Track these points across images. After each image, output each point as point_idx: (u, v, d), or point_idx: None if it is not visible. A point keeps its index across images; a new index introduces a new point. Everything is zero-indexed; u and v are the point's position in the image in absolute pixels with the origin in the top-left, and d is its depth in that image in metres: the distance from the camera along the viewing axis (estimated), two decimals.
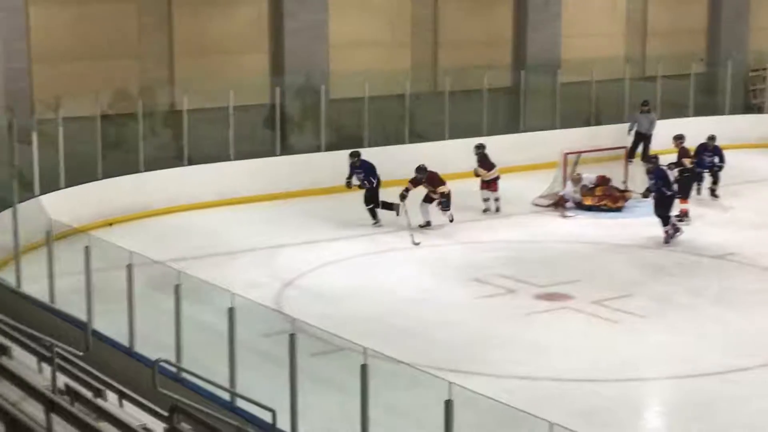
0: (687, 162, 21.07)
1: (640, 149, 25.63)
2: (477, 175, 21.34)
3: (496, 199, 21.16)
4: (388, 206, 20.14)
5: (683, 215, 20.12)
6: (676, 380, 13.02)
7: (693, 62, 28.45)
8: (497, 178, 21.23)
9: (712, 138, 22.22)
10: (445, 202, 20.11)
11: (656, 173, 19.14)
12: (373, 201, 20.45)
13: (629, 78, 27.48)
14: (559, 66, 27.24)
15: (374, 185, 20.49)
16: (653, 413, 12.55)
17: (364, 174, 20.45)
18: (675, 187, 19.36)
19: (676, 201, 19.66)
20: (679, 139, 21.91)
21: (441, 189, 20.10)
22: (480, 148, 21.36)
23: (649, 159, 19.88)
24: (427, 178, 20.12)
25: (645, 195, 19.63)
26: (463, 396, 8.69)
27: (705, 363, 13.10)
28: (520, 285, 16.51)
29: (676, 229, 19.03)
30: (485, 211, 21.05)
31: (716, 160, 22.11)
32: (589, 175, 21.79)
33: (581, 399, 12.11)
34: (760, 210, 21.72)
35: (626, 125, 26.49)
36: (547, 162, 24.41)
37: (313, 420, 10.82)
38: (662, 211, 19.05)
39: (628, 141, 25.34)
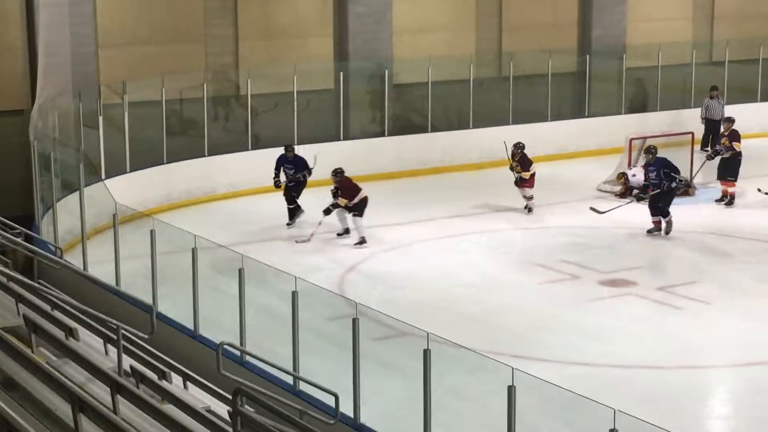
0: (737, 146, 20.46)
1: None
2: (516, 171, 20.12)
3: (530, 198, 20.11)
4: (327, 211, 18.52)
5: (732, 197, 19.91)
6: (742, 367, 12.86)
7: (761, 47, 28.01)
8: (533, 174, 20.24)
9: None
10: (356, 210, 18.23)
11: (657, 163, 18.52)
12: (294, 200, 19.28)
13: (696, 63, 27.13)
14: (625, 51, 26.98)
15: (303, 181, 19.31)
16: (718, 401, 12.41)
17: (295, 169, 19.23)
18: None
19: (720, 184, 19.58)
20: (730, 121, 21.35)
21: (351, 199, 18.31)
22: (520, 148, 20.27)
23: (648, 150, 19.12)
24: (340, 184, 18.41)
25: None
26: (526, 382, 8.65)
27: None
28: (584, 271, 16.40)
29: (669, 225, 18.40)
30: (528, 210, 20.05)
31: None
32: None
33: (645, 386, 12.00)
34: None
35: (689, 110, 26.18)
36: (612, 147, 24.23)
37: (376, 404, 10.85)
38: (666, 202, 18.50)
39: (701, 128, 24.86)
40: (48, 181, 16.97)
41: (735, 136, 20.49)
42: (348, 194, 18.17)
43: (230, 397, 8.46)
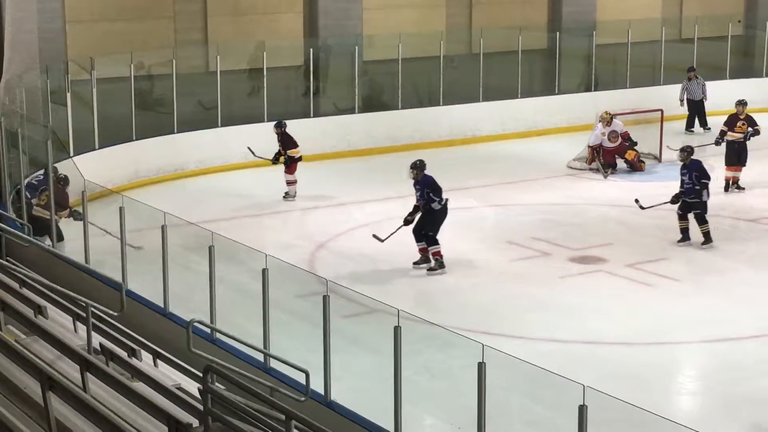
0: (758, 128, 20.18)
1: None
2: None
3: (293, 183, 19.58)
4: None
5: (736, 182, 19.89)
6: (711, 344, 12.94)
7: (730, 24, 28.12)
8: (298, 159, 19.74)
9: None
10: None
11: (692, 166, 16.90)
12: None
13: (665, 40, 27.20)
14: (595, 27, 27.02)
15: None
16: (687, 377, 12.49)
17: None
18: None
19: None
20: (743, 104, 20.66)
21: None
22: (282, 126, 19.52)
23: (684, 150, 18.20)
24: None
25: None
26: (497, 358, 8.67)
27: (740, 327, 13.00)
28: (554, 248, 16.45)
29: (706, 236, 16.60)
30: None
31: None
32: (619, 122, 21.58)
33: (615, 362, 12.06)
34: None
35: (658, 87, 26.30)
36: (581, 124, 24.29)
37: (347, 381, 10.85)
38: (703, 208, 16.63)
39: (670, 105, 24.90)
40: (16, 158, 16.83)
41: (752, 121, 20.24)
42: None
43: (200, 374, 8.43)
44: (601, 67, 27.11)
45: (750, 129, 20.21)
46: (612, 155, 21.37)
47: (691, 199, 16.61)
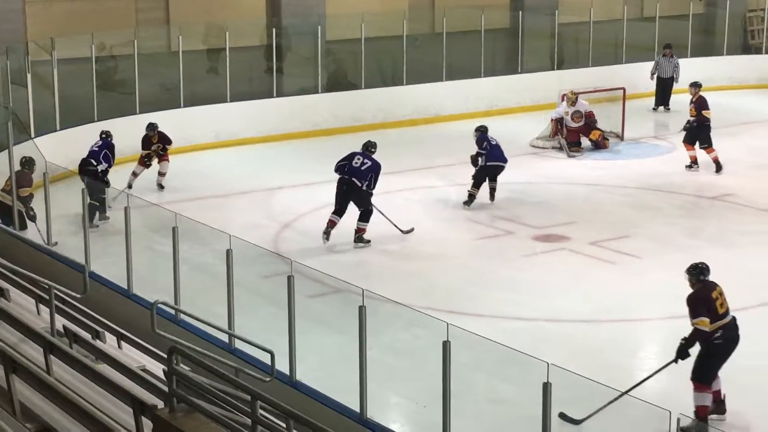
0: (707, 114, 20.02)
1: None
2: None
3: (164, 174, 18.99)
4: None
5: (716, 161, 19.85)
6: (674, 320, 12.96)
7: (691, 2, 28.25)
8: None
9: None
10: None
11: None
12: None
13: (627, 18, 27.28)
14: (557, 6, 27.07)
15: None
16: (651, 353, 12.58)
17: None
18: None
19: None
20: (696, 86, 20.32)
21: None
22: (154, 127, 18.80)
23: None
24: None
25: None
26: (462, 337, 8.70)
27: None
28: (518, 227, 16.50)
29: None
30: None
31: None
32: (584, 102, 21.65)
33: (579, 340, 12.14)
34: (757, 151, 21.70)
35: (621, 66, 26.42)
36: (545, 103, 24.36)
37: (312, 361, 10.86)
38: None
39: (634, 83, 25.01)
40: None
41: (703, 104, 19.85)
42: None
43: (165, 355, 8.40)
44: (563, 45, 27.18)
45: (693, 119, 19.77)
46: (576, 134, 21.45)
47: None
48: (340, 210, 15.80)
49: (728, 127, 23.11)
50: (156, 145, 18.42)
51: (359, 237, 15.80)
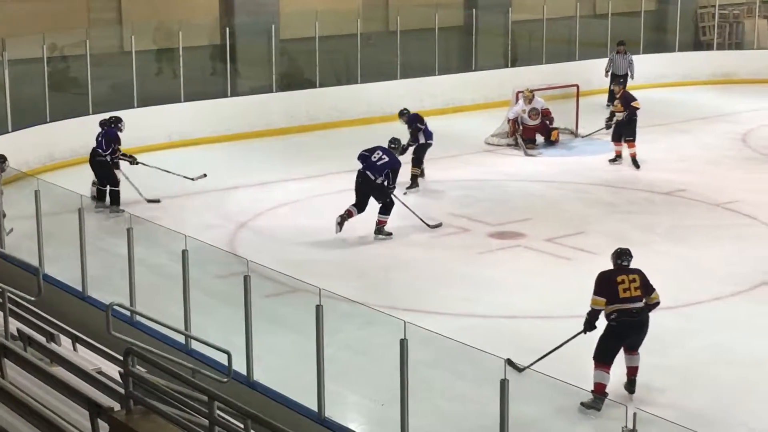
0: (636, 104, 20.21)
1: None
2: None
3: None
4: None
5: (633, 157, 20.00)
6: None
7: None
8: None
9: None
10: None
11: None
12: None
13: (580, 15, 27.44)
14: (510, 4, 27.17)
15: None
16: None
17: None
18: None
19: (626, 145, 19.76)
20: (619, 84, 20.77)
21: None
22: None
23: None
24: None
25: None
26: (419, 335, 8.71)
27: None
28: (473, 224, 16.55)
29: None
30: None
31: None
32: (540, 100, 21.76)
33: (535, 336, 12.18)
34: (709, 146, 21.90)
35: (574, 63, 26.57)
36: (499, 101, 24.46)
37: (269, 361, 10.84)
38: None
39: (587, 80, 25.16)
40: None
41: (629, 97, 20.01)
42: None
43: (121, 357, 8.35)
44: (517, 43, 27.29)
45: (627, 113, 19.80)
46: (533, 132, 21.55)
47: None
48: (358, 204, 15.95)
49: (681, 123, 23.34)
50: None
51: (379, 229, 15.94)
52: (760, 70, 28.84)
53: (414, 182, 18.35)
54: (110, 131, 17.55)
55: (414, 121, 18.84)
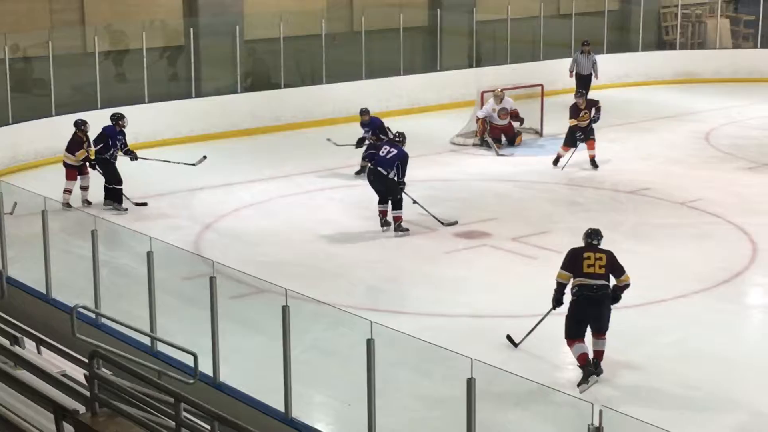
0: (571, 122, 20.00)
1: None
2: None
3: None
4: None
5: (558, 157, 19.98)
6: None
7: None
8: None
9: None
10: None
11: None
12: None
13: (544, 15, 27.54)
14: (475, 4, 27.23)
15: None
16: None
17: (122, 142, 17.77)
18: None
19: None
20: (583, 96, 20.16)
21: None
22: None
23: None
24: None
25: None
26: (385, 335, 8.72)
27: (622, 296, 13.26)
28: (439, 224, 16.56)
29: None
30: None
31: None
32: (510, 100, 21.83)
33: (502, 334, 12.20)
34: (673, 145, 22.03)
35: (538, 63, 26.68)
36: (464, 101, 24.52)
37: (236, 362, 10.81)
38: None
39: (551, 80, 25.25)
40: None
41: (592, 104, 19.79)
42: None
43: (86, 360, 8.31)
44: (481, 43, 27.36)
45: (595, 113, 19.67)
46: (499, 132, 21.61)
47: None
48: (382, 199, 16.28)
49: (644, 122, 23.48)
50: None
51: (398, 225, 16.14)
52: (723, 70, 29.08)
53: (362, 171, 18.61)
54: (106, 128, 17.62)
55: (379, 130, 18.95)
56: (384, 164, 16.18)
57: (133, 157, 17.89)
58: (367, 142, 19.10)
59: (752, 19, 30.50)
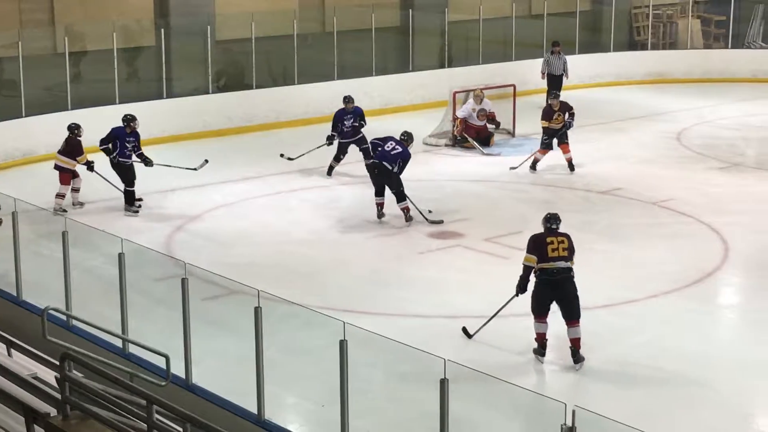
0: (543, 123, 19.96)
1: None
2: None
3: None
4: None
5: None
6: None
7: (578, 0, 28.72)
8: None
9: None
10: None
11: None
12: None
13: (516, 16, 27.59)
14: (447, 5, 27.26)
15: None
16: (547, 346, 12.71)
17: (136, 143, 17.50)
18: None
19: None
20: (556, 97, 19.96)
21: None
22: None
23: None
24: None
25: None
26: (359, 336, 8.70)
27: (594, 296, 13.26)
28: (412, 224, 16.55)
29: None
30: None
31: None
32: (489, 102, 21.88)
33: (476, 335, 12.20)
34: (644, 145, 22.11)
35: (511, 63, 26.73)
36: (436, 101, 24.53)
37: (208, 364, 10.77)
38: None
39: (524, 80, 25.32)
40: None
41: (565, 107, 19.64)
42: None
43: (57, 362, 8.25)
44: (453, 43, 27.39)
45: (569, 118, 19.54)
46: (474, 132, 21.64)
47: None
48: (379, 191, 16.72)
49: (616, 122, 23.55)
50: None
51: (408, 216, 16.54)
52: (694, 70, 29.22)
53: (330, 171, 19.45)
54: (115, 129, 17.54)
55: (360, 118, 19.64)
56: (387, 159, 16.47)
57: (148, 162, 17.52)
58: (336, 140, 19.31)
59: (723, 19, 30.68)
